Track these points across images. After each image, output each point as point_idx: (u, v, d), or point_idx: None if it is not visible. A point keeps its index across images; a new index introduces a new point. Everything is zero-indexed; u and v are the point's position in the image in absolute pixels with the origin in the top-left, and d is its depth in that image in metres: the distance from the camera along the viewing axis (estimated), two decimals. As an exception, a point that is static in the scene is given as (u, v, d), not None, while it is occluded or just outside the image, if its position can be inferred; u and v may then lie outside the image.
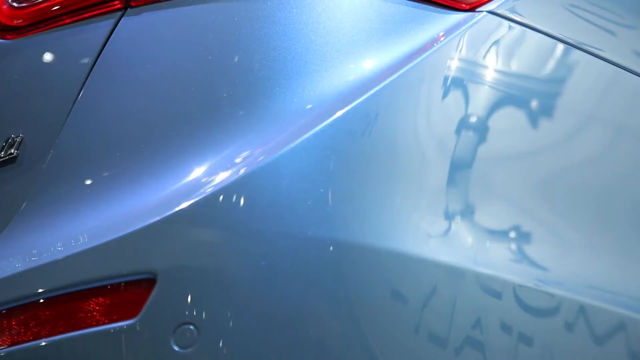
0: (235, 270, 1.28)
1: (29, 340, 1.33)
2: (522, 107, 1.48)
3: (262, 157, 1.32)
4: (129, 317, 1.28)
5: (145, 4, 1.49)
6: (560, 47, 1.52)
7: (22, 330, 1.34)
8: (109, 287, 1.29)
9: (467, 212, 1.42)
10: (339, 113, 1.34)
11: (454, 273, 1.36)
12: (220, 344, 1.25)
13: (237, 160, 1.32)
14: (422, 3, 1.46)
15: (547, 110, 1.50)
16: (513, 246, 1.44)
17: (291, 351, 1.28)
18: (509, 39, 1.48)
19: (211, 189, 1.30)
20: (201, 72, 1.42)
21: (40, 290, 1.34)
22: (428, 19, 1.44)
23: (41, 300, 1.33)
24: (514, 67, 1.47)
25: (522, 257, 1.44)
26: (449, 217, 1.41)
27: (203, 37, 1.44)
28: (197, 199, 1.29)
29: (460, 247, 1.39)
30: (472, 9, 1.48)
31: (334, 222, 1.31)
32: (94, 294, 1.30)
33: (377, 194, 1.35)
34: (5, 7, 1.59)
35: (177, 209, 1.29)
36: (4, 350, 1.35)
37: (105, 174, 1.42)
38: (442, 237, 1.39)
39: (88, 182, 1.42)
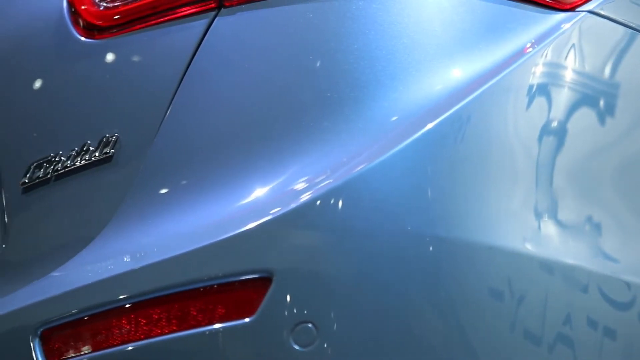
0: (347, 269, 1.30)
1: (141, 339, 1.35)
2: (614, 107, 1.50)
3: (367, 161, 1.33)
4: (245, 315, 1.30)
5: (239, 4, 1.50)
6: None
7: (133, 329, 1.36)
8: (224, 285, 1.31)
9: (553, 207, 1.45)
10: (440, 118, 1.36)
11: (545, 267, 1.38)
12: (339, 342, 1.27)
13: (344, 161, 1.34)
14: (520, 2, 1.47)
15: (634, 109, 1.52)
16: (594, 239, 1.47)
17: (397, 350, 1.30)
18: (611, 39, 1.50)
19: (319, 190, 1.32)
20: (298, 74, 1.43)
21: (151, 289, 1.35)
22: (527, 19, 1.45)
23: (153, 299, 1.35)
24: (615, 68, 1.48)
25: (601, 248, 1.47)
26: (538, 213, 1.44)
27: (298, 39, 1.45)
28: (306, 200, 1.31)
29: (548, 240, 1.42)
30: (572, 8, 1.49)
31: (436, 221, 1.34)
32: (208, 292, 1.32)
33: (474, 193, 1.38)
34: (94, 7, 1.60)
35: (288, 209, 1.31)
36: (115, 348, 1.36)
37: (205, 174, 1.43)
38: (533, 232, 1.42)
39: (187, 181, 1.44)
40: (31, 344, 1.41)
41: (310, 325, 1.28)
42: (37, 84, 1.67)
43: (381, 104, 1.37)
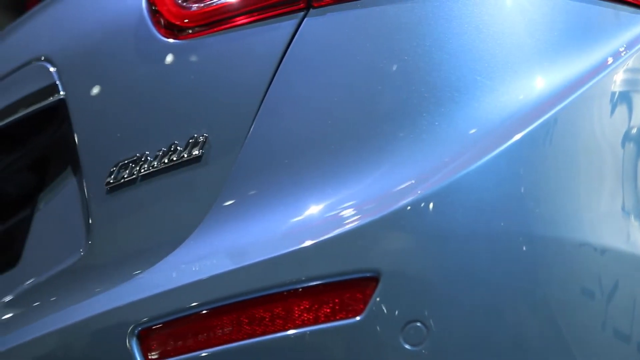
0: (450, 269, 1.31)
1: (243, 339, 1.35)
2: None
3: (466, 164, 1.34)
4: (352, 315, 1.30)
5: (328, 4, 1.51)
6: None
7: (235, 329, 1.36)
8: (329, 285, 1.31)
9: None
10: (535, 123, 1.37)
11: (635, 265, 1.40)
12: (448, 341, 1.28)
13: (444, 164, 1.35)
14: (612, 2, 1.47)
15: None
16: None
17: (499, 348, 1.31)
18: None
19: (420, 193, 1.33)
20: (390, 74, 1.43)
21: (253, 289, 1.36)
22: (620, 20, 1.46)
23: (255, 299, 1.36)
24: None
25: None
26: (626, 211, 1.45)
27: (389, 40, 1.45)
28: (408, 202, 1.32)
29: (637, 238, 1.43)
30: None
31: (532, 222, 1.35)
32: (313, 292, 1.32)
33: (566, 195, 1.39)
34: (177, 8, 1.60)
35: (391, 210, 1.32)
36: (216, 348, 1.37)
37: (298, 175, 1.43)
38: (622, 230, 1.43)
39: (280, 182, 1.44)
40: (129, 343, 1.41)
41: (419, 324, 1.28)
42: (120, 84, 1.67)
43: (479, 106, 1.38)
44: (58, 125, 1.80)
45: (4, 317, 1.71)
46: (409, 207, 1.31)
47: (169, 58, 1.61)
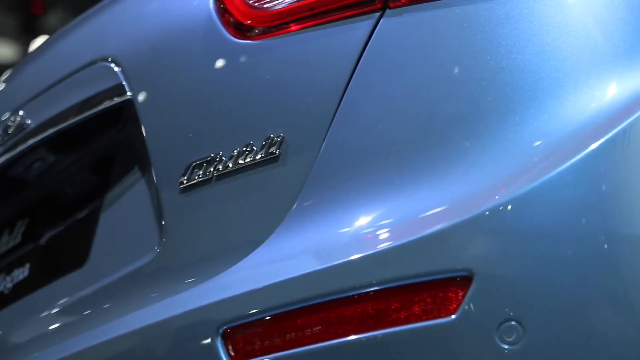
0: (541, 268, 1.32)
1: (332, 339, 1.36)
2: None
3: (554, 164, 1.35)
4: (445, 314, 1.31)
5: (405, 5, 1.51)
6: None
7: (323, 329, 1.37)
8: (421, 284, 1.32)
9: None
10: (620, 126, 1.37)
11: None
12: (545, 340, 1.29)
13: (532, 165, 1.35)
14: None
15: None
16: None
17: (591, 349, 1.32)
18: None
19: (509, 194, 1.33)
20: (472, 74, 1.44)
21: (340, 289, 1.37)
22: None
23: (344, 299, 1.36)
24: None
25: None
26: None
27: (467, 40, 1.46)
28: (499, 202, 1.33)
29: None
30: None
31: (619, 222, 1.35)
32: (404, 291, 1.33)
33: None
34: (249, 8, 1.60)
35: (481, 210, 1.33)
36: (304, 348, 1.37)
37: (379, 175, 1.44)
38: None
39: (362, 182, 1.45)
40: (214, 342, 1.42)
41: (514, 323, 1.29)
42: (189, 84, 1.68)
43: (564, 107, 1.39)
44: (122, 125, 1.80)
45: (73, 318, 1.72)
46: (500, 207, 1.32)
47: (241, 59, 1.62)
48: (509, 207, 1.33)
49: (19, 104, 1.97)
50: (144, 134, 1.68)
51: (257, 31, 1.61)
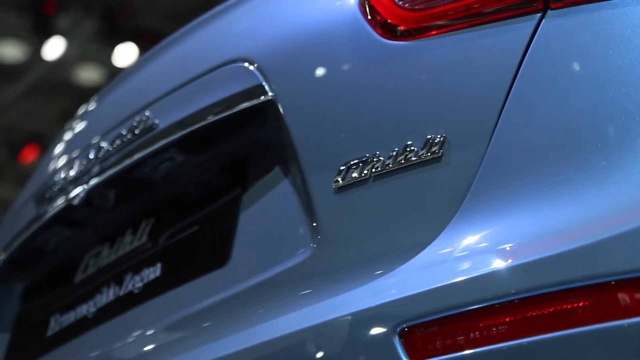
0: None
1: (520, 338, 1.37)
2: None
3: None
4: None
5: (567, 5, 1.52)
6: None
7: (512, 328, 1.38)
8: (614, 284, 1.33)
9: None
10: None
11: None
12: None
13: None
14: None
15: None
16: None
17: None
18: None
19: None
20: (636, 79, 1.45)
21: (529, 287, 1.38)
22: None
23: (531, 297, 1.37)
24: None
25: None
26: None
27: (636, 42, 1.47)
28: None
29: None
30: None
31: None
32: (597, 290, 1.34)
33: None
34: (402, 10, 1.62)
35: None
36: (490, 347, 1.38)
37: (555, 173, 1.44)
38: None
39: (535, 182, 1.45)
40: (391, 341, 1.43)
41: None
42: (337, 84, 1.68)
43: None
44: (257, 126, 1.81)
45: (218, 319, 1.72)
46: None
47: (393, 60, 1.62)
48: None
49: (143, 105, 1.97)
50: (291, 135, 1.68)
51: (409, 32, 1.62)
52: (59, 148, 2.33)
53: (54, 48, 9.31)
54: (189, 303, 1.78)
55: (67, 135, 2.33)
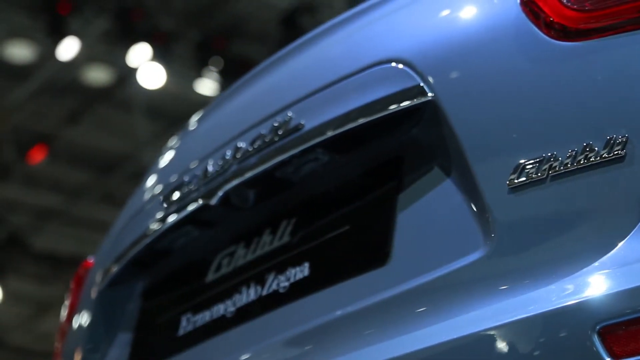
0: None
1: None
2: None
3: None
4: None
5: None
6: None
7: None
8: None
9: None
10: None
11: None
12: None
13: None
14: None
15: None
16: None
17: None
18: None
19: None
20: None
21: None
22: None
23: None
24: None
25: None
26: None
27: None
28: None
29: None
30: None
31: None
32: None
33: None
34: (570, 11, 1.63)
35: None
36: None
37: None
38: None
39: None
40: (591, 340, 1.44)
41: None
42: (505, 85, 1.69)
43: None
44: (411, 126, 1.81)
45: (382, 319, 1.73)
46: None
47: (565, 61, 1.63)
48: None
49: (283, 105, 1.97)
50: (458, 135, 1.69)
51: (579, 32, 1.63)
52: (181, 148, 2.32)
53: (66, 48, 9.28)
54: (345, 303, 1.78)
55: (190, 136, 2.33)
